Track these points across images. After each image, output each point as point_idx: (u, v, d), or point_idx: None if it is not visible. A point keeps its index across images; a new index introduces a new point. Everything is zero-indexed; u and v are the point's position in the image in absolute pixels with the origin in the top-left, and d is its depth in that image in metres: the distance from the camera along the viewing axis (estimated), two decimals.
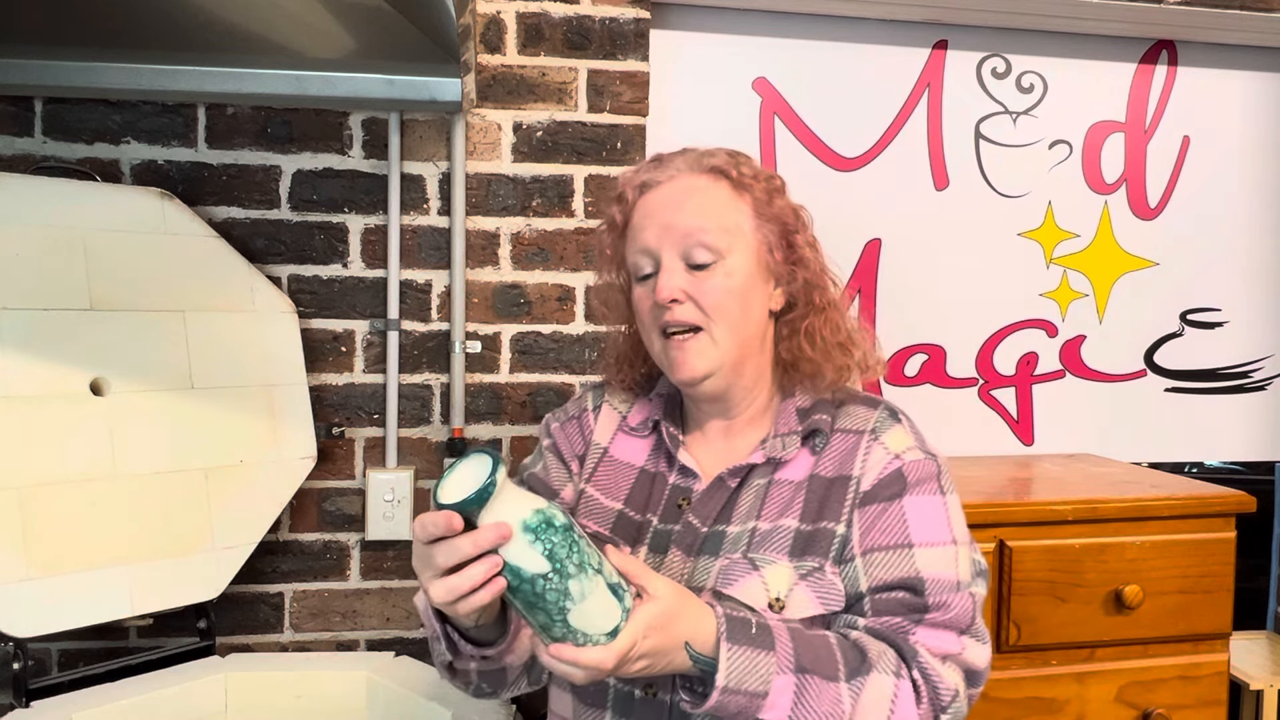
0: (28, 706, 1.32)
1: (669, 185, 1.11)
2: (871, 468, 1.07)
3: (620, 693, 1.06)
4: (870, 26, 2.03)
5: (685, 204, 1.09)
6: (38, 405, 1.37)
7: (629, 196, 1.13)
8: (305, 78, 1.56)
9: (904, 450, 1.08)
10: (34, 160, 1.65)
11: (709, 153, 1.14)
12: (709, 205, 1.09)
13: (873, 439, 1.09)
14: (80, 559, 1.38)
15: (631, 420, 1.20)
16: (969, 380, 2.13)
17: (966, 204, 2.10)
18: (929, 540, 1.03)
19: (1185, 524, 1.66)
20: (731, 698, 0.91)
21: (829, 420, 1.11)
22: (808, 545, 1.04)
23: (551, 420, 1.27)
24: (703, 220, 1.08)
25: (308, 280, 1.74)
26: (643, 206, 1.12)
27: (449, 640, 0.99)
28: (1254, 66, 2.19)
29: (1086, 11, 1.98)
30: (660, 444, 1.17)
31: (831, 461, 1.09)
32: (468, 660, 1.01)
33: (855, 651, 0.97)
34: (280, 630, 1.75)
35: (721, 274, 1.07)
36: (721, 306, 1.07)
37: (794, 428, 1.11)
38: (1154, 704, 1.65)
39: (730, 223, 1.09)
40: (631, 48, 1.81)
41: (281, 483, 1.62)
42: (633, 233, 1.12)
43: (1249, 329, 2.24)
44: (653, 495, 1.14)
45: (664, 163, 1.14)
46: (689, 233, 1.07)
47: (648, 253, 1.10)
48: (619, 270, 1.18)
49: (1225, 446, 2.26)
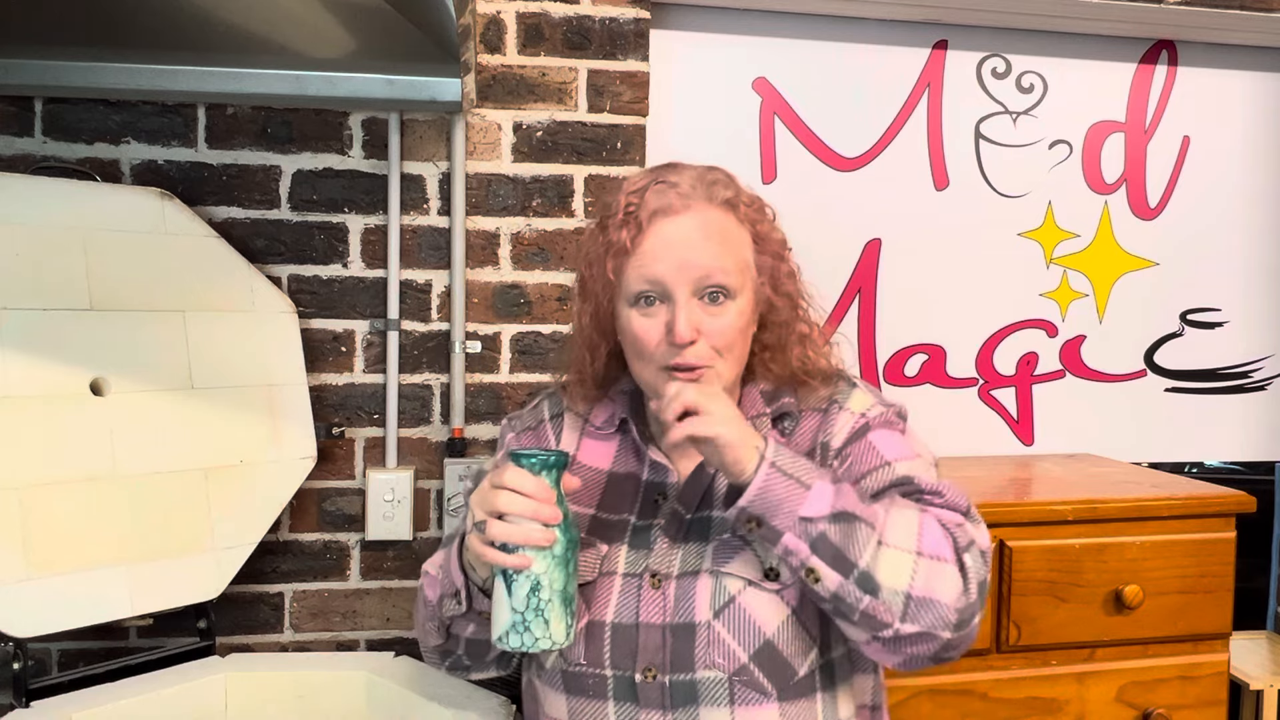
0: (28, 706, 1.32)
1: (685, 217, 1.09)
2: (840, 429, 1.13)
3: (621, 680, 1.07)
4: (870, 26, 2.03)
5: (705, 242, 1.08)
6: (38, 405, 1.37)
7: (642, 221, 1.09)
8: (305, 78, 1.56)
9: (867, 409, 1.14)
10: (34, 160, 1.65)
11: (713, 179, 1.12)
12: (726, 245, 1.10)
13: (838, 407, 1.14)
14: (80, 559, 1.38)
15: (595, 420, 1.21)
16: (969, 380, 2.13)
17: (966, 204, 2.10)
18: (901, 456, 1.10)
19: (1185, 524, 1.66)
20: (777, 478, 0.96)
21: (794, 402, 1.16)
22: None
23: (509, 428, 1.27)
24: (721, 261, 1.08)
25: (308, 280, 1.74)
26: (656, 235, 1.08)
27: (468, 592, 1.06)
28: (1254, 66, 2.19)
29: (1086, 11, 1.98)
30: (627, 442, 1.18)
31: (804, 438, 1.14)
32: (469, 621, 1.10)
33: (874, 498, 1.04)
34: (280, 630, 1.75)
35: (734, 313, 1.09)
36: (731, 345, 1.09)
37: (762, 410, 1.15)
38: (1154, 704, 1.65)
39: (742, 261, 1.11)
40: (631, 48, 1.81)
41: (281, 483, 1.62)
42: (641, 259, 1.09)
43: (1249, 329, 2.24)
44: (626, 495, 1.15)
45: (673, 185, 1.10)
46: (709, 273, 1.07)
47: (658, 284, 1.08)
48: (611, 294, 1.14)
49: (1225, 446, 2.26)
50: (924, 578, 0.97)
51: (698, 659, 1.04)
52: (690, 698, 1.04)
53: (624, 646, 1.07)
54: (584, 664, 1.08)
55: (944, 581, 0.98)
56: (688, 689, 1.04)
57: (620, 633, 1.07)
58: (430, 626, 1.14)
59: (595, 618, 1.08)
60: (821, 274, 1.25)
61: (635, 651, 1.06)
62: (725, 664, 1.04)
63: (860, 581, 0.96)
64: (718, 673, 1.04)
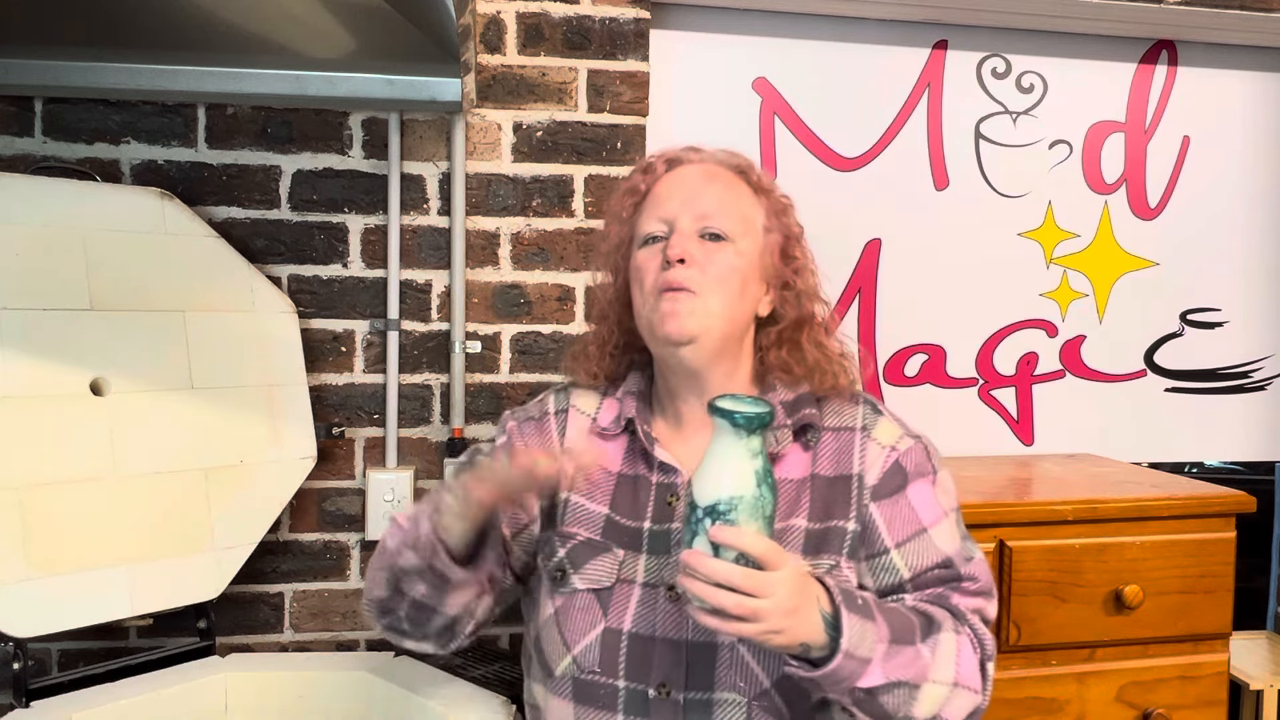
0: (28, 706, 1.32)
1: (699, 165, 1.18)
2: (872, 464, 1.12)
3: (633, 693, 1.05)
4: (870, 26, 2.03)
5: (710, 186, 1.15)
6: (38, 405, 1.37)
7: (658, 169, 1.19)
8: (305, 78, 1.56)
9: (896, 441, 1.14)
10: (34, 160, 1.65)
11: (734, 154, 1.22)
12: (731, 194, 1.16)
13: (865, 436, 1.14)
14: (80, 559, 1.38)
15: (602, 420, 1.20)
16: (969, 380, 2.13)
17: (966, 204, 2.10)
18: (933, 520, 1.12)
19: (1185, 524, 1.66)
20: (848, 663, 0.95)
21: (817, 415, 1.15)
22: (820, 544, 1.08)
23: (510, 418, 1.27)
24: (724, 205, 1.14)
25: (308, 280, 1.74)
26: (669, 180, 1.17)
27: (432, 548, 1.04)
28: (1254, 66, 2.19)
29: (1086, 11, 1.98)
30: (634, 444, 1.17)
31: (828, 460, 1.13)
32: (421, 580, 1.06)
33: (923, 616, 1.05)
34: (280, 630, 1.75)
35: (732, 252, 1.13)
36: (724, 278, 1.11)
37: (783, 421, 1.14)
38: (1154, 704, 1.65)
39: (747, 214, 1.16)
40: (631, 48, 1.81)
41: (281, 483, 1.62)
42: (653, 200, 1.17)
43: (1249, 329, 2.24)
44: (638, 499, 1.14)
45: (695, 149, 1.21)
46: (709, 213, 1.13)
47: (664, 220, 1.14)
48: (626, 239, 1.20)
49: (1225, 446, 2.26)
50: (954, 706, 1.03)
51: (718, 680, 1.03)
52: (704, 718, 1.03)
53: (640, 659, 1.05)
54: (597, 672, 1.06)
55: (965, 704, 1.04)
56: (703, 709, 1.03)
57: (637, 644, 1.06)
58: (380, 576, 1.12)
59: (612, 625, 1.07)
60: (821, 274, 1.25)
61: (651, 666, 1.05)
62: (747, 688, 1.03)
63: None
64: (737, 695, 1.03)
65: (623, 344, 1.22)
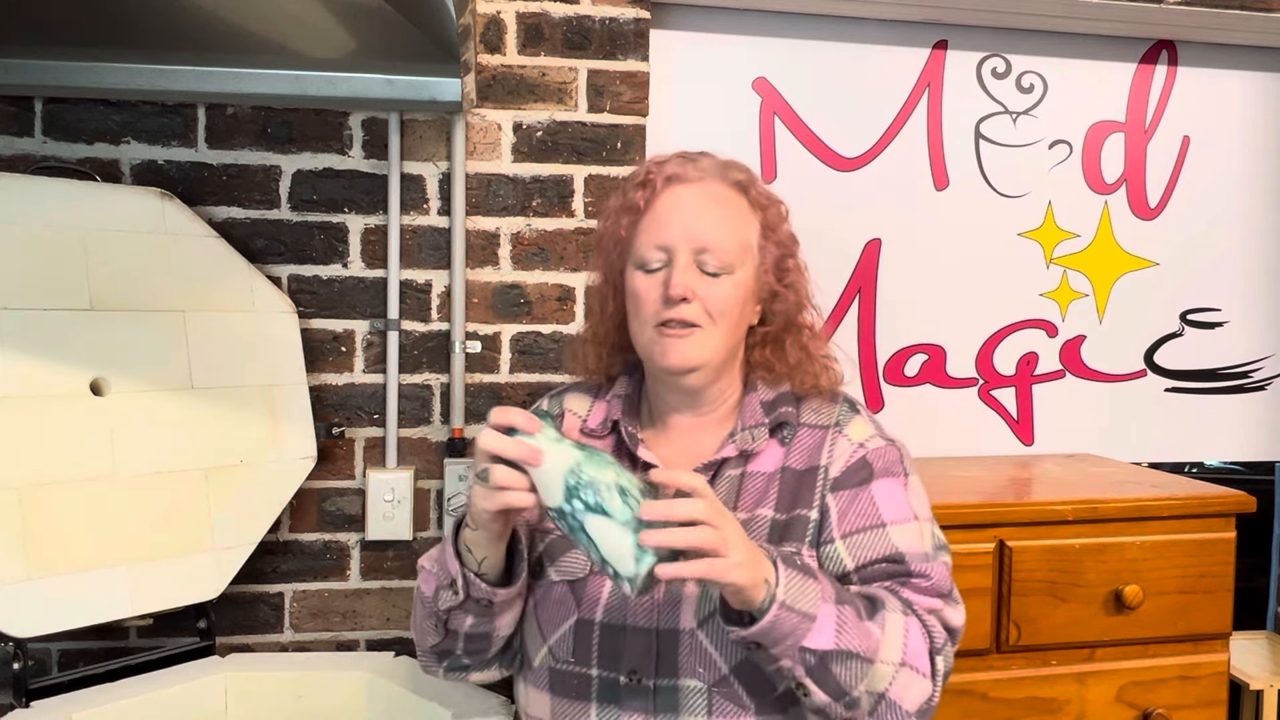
0: (28, 706, 1.32)
1: (697, 187, 1.15)
2: (839, 456, 1.14)
3: (605, 681, 1.07)
4: (870, 26, 2.03)
5: (710, 214, 1.14)
6: (38, 405, 1.37)
7: (657, 185, 1.16)
8: (305, 78, 1.56)
9: (867, 439, 1.16)
10: (34, 160, 1.65)
11: (731, 164, 1.19)
12: (730, 220, 1.14)
13: (837, 431, 1.16)
14: (80, 559, 1.38)
15: (590, 422, 1.23)
16: (969, 380, 2.13)
17: (966, 204, 2.10)
18: (898, 519, 1.11)
19: (1185, 524, 1.66)
20: (786, 615, 0.95)
21: (794, 413, 1.17)
22: (785, 532, 1.10)
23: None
24: (723, 236, 1.13)
25: (308, 280, 1.74)
26: (668, 199, 1.15)
27: (464, 580, 1.04)
28: (1254, 66, 2.19)
29: (1086, 11, 1.98)
30: (620, 445, 1.19)
31: (800, 455, 1.15)
32: (467, 613, 1.07)
33: (865, 597, 1.05)
34: (280, 630, 1.75)
35: (730, 284, 1.12)
36: (724, 311, 1.12)
37: (760, 420, 1.16)
38: (1154, 704, 1.65)
39: (745, 239, 1.15)
40: (631, 48, 1.81)
41: (281, 483, 1.62)
42: (651, 222, 1.15)
43: (1249, 329, 2.24)
44: None
45: (693, 161, 1.17)
46: (709, 245, 1.12)
47: (662, 248, 1.13)
48: (622, 251, 1.19)
49: (1225, 446, 2.26)
50: (900, 685, 1.02)
51: (681, 666, 1.05)
52: (672, 705, 1.05)
53: (611, 647, 1.07)
54: (572, 661, 1.09)
55: (915, 689, 1.03)
56: (670, 695, 1.05)
57: (608, 633, 1.08)
58: (427, 625, 1.13)
59: (584, 616, 1.09)
60: (821, 274, 1.26)
61: (622, 653, 1.07)
62: (706, 674, 1.05)
63: (848, 703, 1.00)
64: (698, 682, 1.05)
65: (617, 344, 1.24)
